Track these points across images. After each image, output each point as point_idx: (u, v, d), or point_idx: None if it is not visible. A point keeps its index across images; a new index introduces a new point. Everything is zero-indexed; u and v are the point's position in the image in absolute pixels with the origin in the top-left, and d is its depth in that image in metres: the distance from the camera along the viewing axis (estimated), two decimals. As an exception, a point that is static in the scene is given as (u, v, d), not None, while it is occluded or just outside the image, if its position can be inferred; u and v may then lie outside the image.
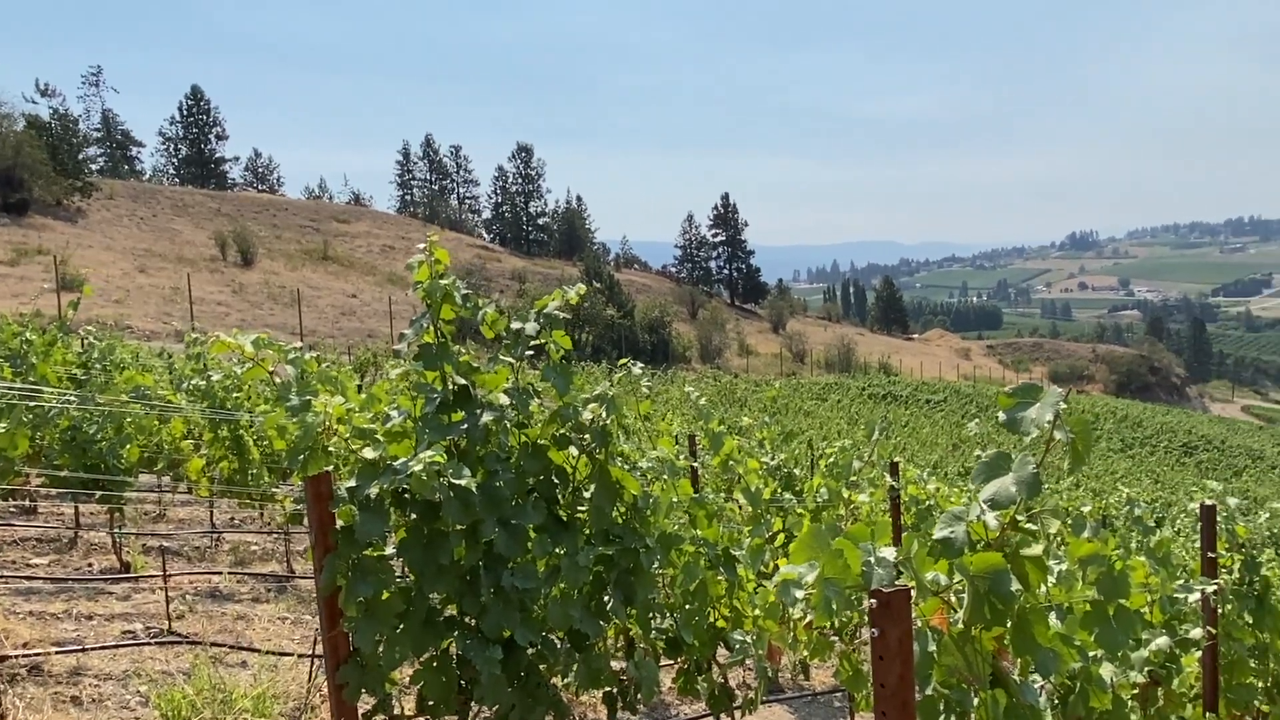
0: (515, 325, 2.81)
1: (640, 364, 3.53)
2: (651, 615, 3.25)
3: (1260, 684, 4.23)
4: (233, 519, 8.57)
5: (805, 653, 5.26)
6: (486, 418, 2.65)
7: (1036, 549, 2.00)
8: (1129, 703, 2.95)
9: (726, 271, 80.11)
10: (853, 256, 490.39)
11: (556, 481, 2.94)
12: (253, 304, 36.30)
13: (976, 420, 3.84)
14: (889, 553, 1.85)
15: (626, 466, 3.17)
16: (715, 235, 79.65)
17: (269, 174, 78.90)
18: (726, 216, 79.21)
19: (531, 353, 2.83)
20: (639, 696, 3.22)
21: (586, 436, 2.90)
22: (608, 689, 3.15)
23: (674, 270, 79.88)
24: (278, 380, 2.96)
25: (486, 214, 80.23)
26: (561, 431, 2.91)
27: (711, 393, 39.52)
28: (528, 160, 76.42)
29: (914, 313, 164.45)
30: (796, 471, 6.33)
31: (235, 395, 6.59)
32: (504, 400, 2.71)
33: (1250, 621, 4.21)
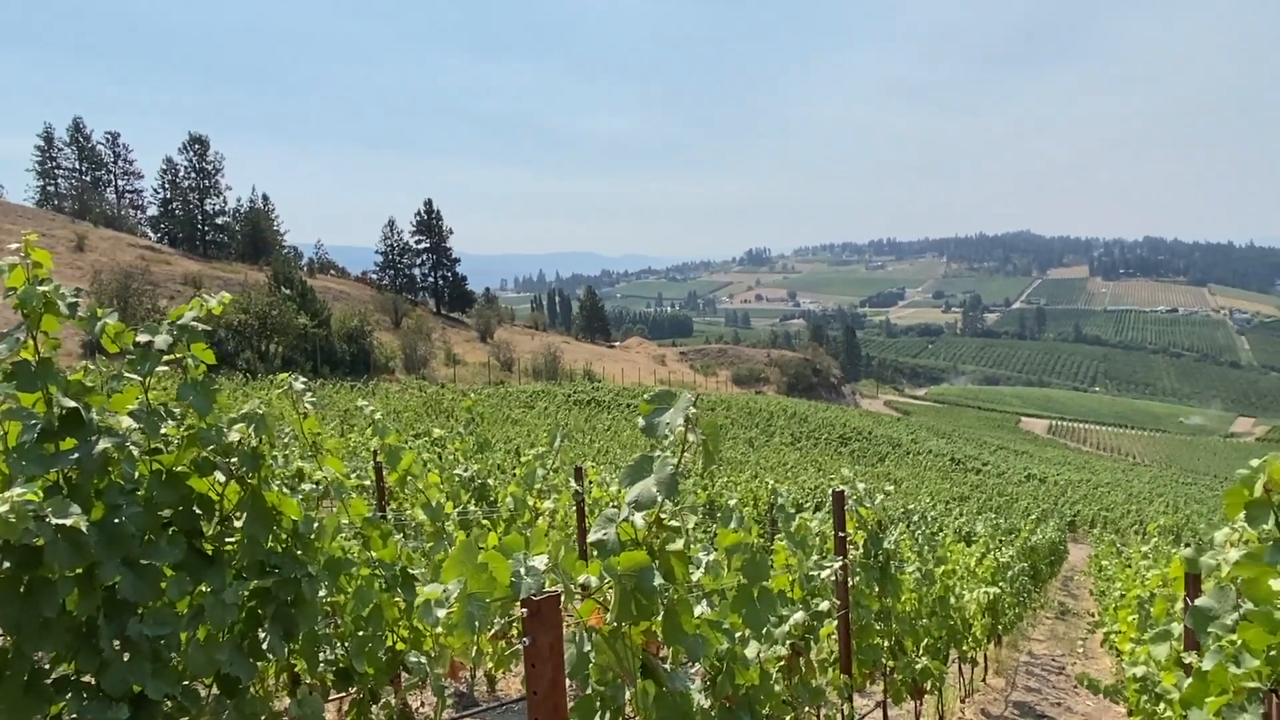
0: (143, 338, 2.49)
1: (327, 376, 3.29)
2: (318, 647, 3.04)
3: (885, 643, 4.91)
4: None
5: (490, 665, 5.25)
6: (104, 444, 2.31)
7: (679, 544, 2.14)
8: (774, 675, 3.27)
9: (432, 279, 78.36)
10: (559, 267, 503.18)
11: (200, 512, 2.65)
12: None
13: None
14: (540, 561, 1.87)
15: (286, 490, 2.94)
16: (419, 242, 77.60)
17: None
18: (430, 223, 77.49)
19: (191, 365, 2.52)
20: (305, 736, 2.99)
21: (234, 460, 2.64)
22: (268, 733, 2.89)
23: (375, 277, 76.61)
24: None
25: (153, 211, 71.30)
26: (204, 456, 2.63)
27: (417, 404, 38.39)
28: (202, 153, 69.03)
29: (615, 321, 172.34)
30: (491, 482, 6.32)
31: None
32: (128, 424, 2.38)
33: (876, 590, 4.88)
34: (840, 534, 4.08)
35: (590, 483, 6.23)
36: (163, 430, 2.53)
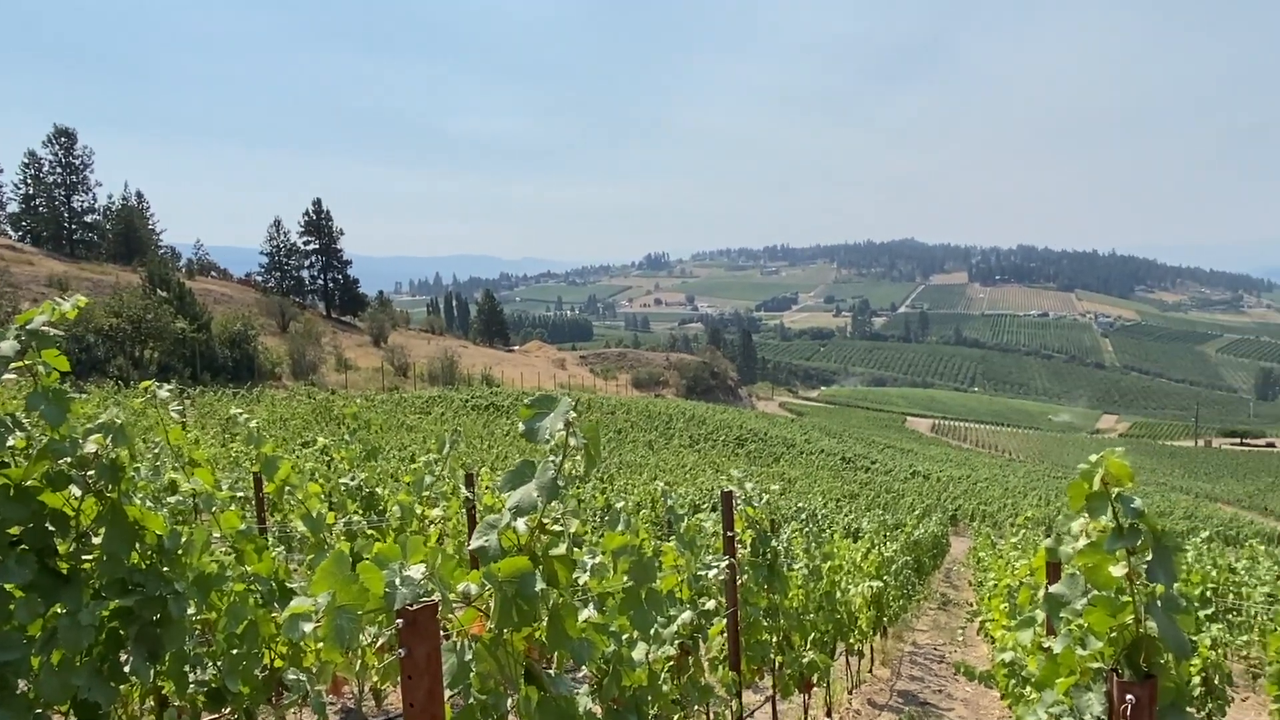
0: (-15, 344, 2.31)
1: (208, 384, 3.13)
2: (188, 667, 2.90)
3: (773, 639, 5.03)
4: None
5: (376, 679, 5.12)
6: (-60, 459, 2.14)
7: (562, 548, 2.14)
8: (663, 675, 3.31)
9: (321, 282, 75.74)
10: (456, 269, 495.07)
11: (53, 529, 2.48)
12: None
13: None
14: (418, 570, 1.84)
15: (151, 504, 2.79)
16: (308, 243, 74.89)
17: None
18: (320, 223, 74.89)
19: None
20: (174, 762, 2.84)
21: (91, 473, 2.49)
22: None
23: (260, 279, 73.49)
24: None
25: (14, 208, 66.30)
26: (57, 469, 2.46)
27: (306, 411, 37.03)
28: (69, 147, 64.62)
29: (514, 325, 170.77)
30: (380, 490, 6.15)
31: None
32: (-32, 436, 2.21)
33: (765, 587, 4.99)
34: (728, 533, 4.16)
35: (486, 488, 6.15)
36: (10, 442, 2.36)
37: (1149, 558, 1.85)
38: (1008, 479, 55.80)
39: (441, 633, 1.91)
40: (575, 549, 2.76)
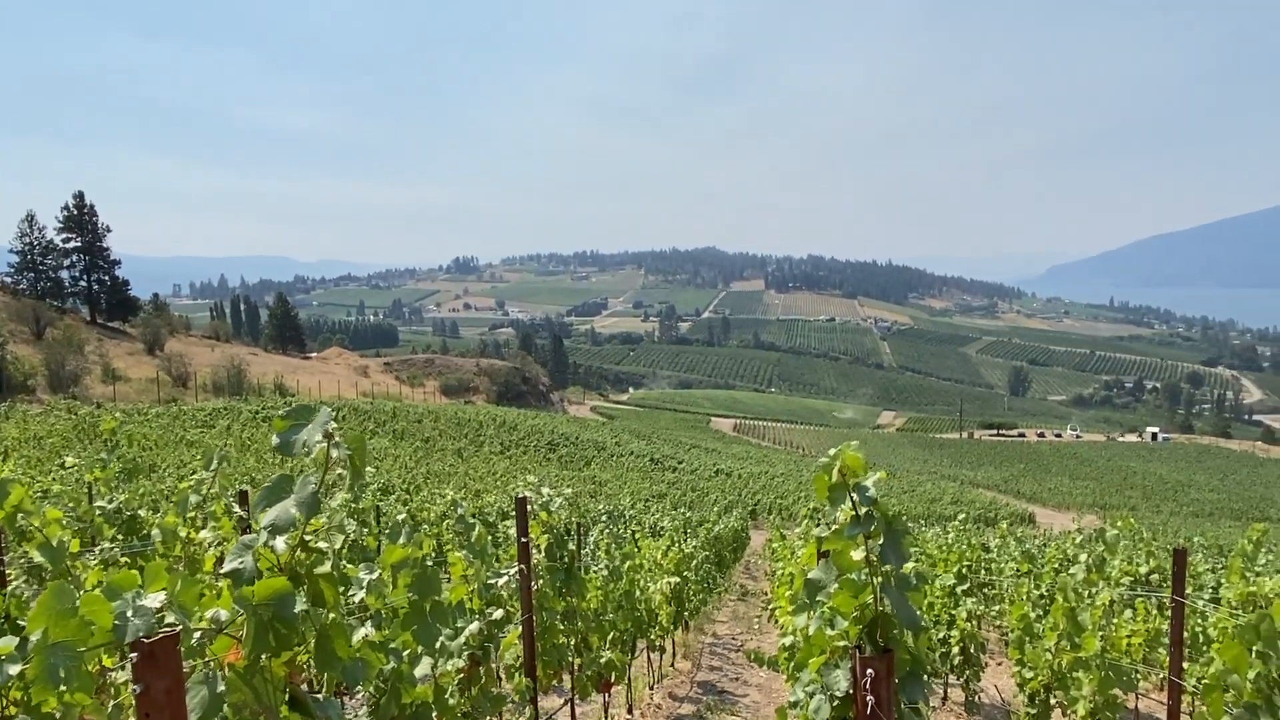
0: None
1: None
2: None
3: (570, 641, 5.07)
4: None
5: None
6: None
7: (327, 566, 2.05)
8: (451, 688, 3.24)
9: (85, 284, 68.08)
10: (245, 271, 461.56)
11: None
12: None
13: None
14: (156, 599, 1.70)
15: None
16: (68, 240, 67.01)
17: None
18: (82, 219, 67.26)
19: None
20: None
21: None
22: None
23: (10, 281, 64.96)
24: None
25: None
26: None
27: (65, 428, 33.13)
28: None
29: (312, 331, 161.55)
30: (145, 513, 5.61)
31: None
32: None
33: (563, 590, 5.02)
34: (522, 540, 4.14)
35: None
36: None
37: (882, 541, 2.04)
38: (801, 474, 59.42)
39: (186, 664, 1.78)
40: (362, 564, 2.66)
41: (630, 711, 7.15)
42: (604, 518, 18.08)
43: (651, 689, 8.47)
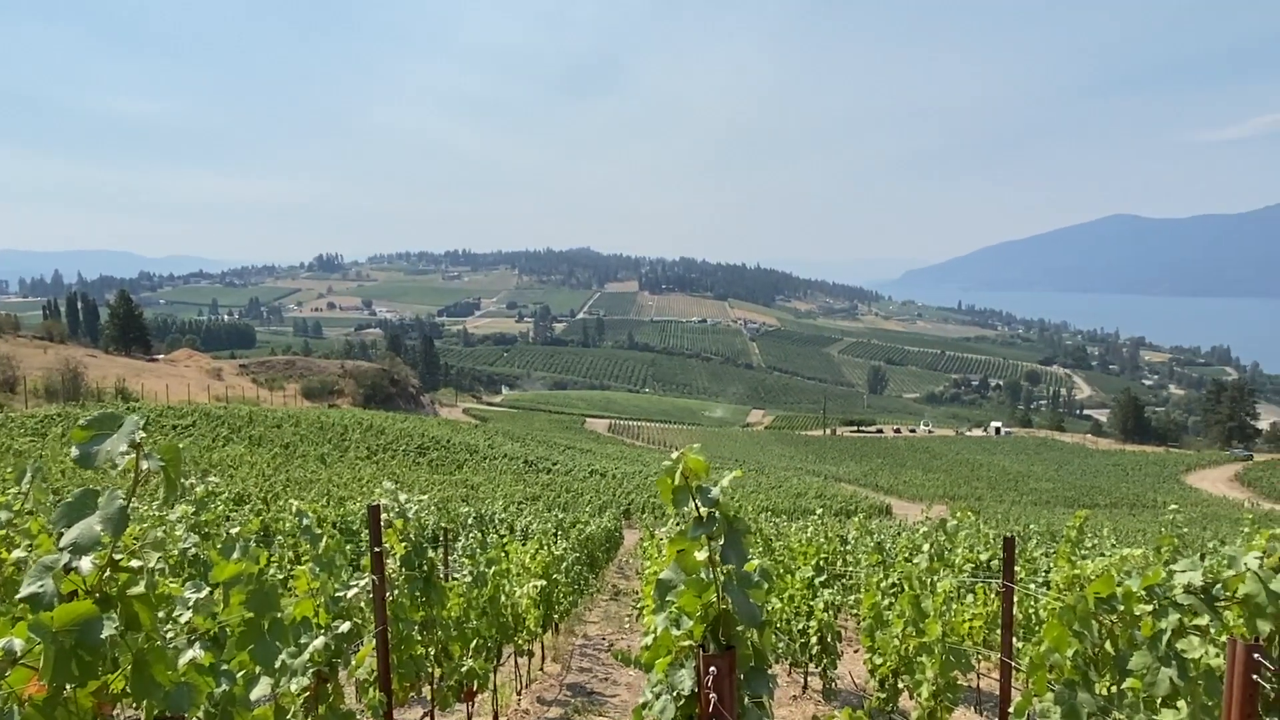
0: None
1: None
2: None
3: (429, 652, 4.94)
4: None
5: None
6: None
7: (141, 586, 1.91)
8: (294, 708, 3.09)
9: (-112, 279, 61.26)
10: (82, 267, 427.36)
11: None
12: None
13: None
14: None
15: None
16: None
17: None
18: (-114, 207, 60.54)
19: None
20: None
21: None
22: None
23: None
24: None
25: None
26: None
27: None
28: None
29: (160, 331, 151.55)
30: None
31: None
32: None
33: (422, 599, 4.89)
34: (376, 549, 4.00)
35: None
36: None
37: (723, 541, 2.08)
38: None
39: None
40: (188, 583, 2.49)
41: (495, 719, 7.04)
42: (470, 522, 17.77)
43: (519, 694, 8.38)
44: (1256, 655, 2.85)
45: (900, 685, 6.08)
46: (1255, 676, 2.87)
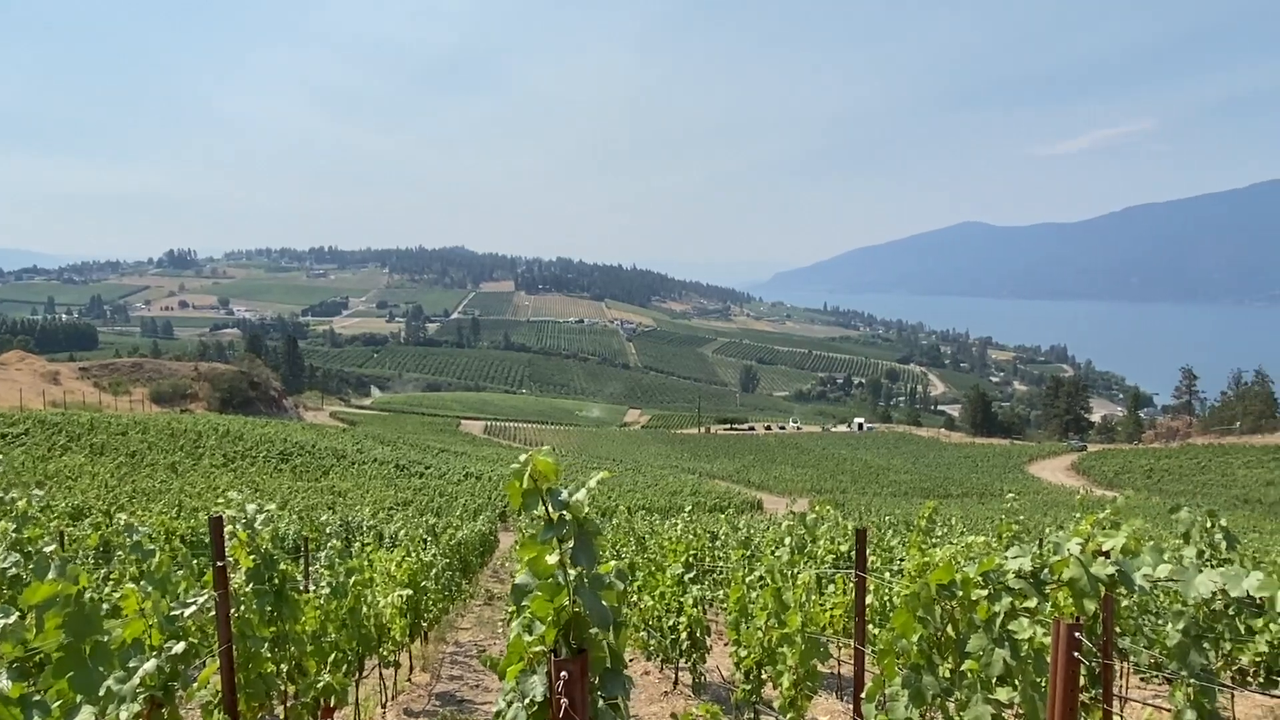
0: None
1: None
2: None
3: (282, 669, 4.70)
4: None
5: None
6: None
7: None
8: (121, 738, 2.87)
9: None
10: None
11: None
12: None
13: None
14: None
15: None
16: None
17: None
18: None
19: None
20: None
21: None
22: None
23: None
24: None
25: None
26: None
27: None
28: None
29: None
30: None
31: None
32: None
33: (274, 614, 4.64)
34: (218, 563, 3.77)
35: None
36: None
37: (573, 544, 2.06)
38: (551, 473, 59.92)
39: None
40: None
41: (359, 734, 6.79)
42: (331, 531, 17.13)
43: (384, 707, 8.11)
44: (1077, 634, 3.08)
45: (764, 676, 6.24)
46: (1076, 654, 3.10)
